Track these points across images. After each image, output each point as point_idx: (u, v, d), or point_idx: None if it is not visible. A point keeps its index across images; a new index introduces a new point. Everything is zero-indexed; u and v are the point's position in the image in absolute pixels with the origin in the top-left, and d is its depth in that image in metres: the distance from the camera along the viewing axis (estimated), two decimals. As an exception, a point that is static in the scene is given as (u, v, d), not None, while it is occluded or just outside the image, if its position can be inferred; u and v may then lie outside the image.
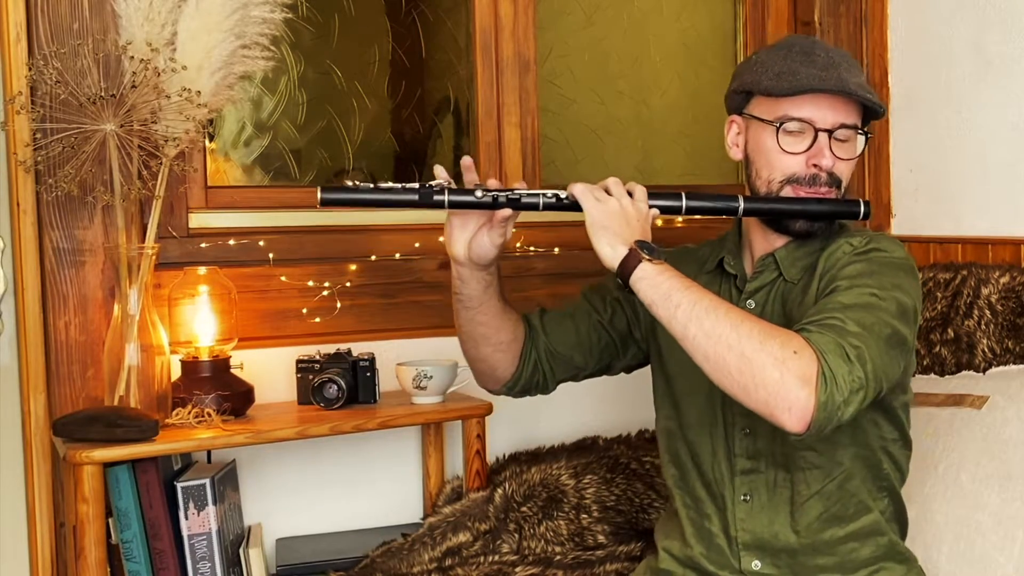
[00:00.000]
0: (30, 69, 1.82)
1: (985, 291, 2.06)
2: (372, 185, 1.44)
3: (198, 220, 2.10)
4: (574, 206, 1.45)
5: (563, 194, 1.47)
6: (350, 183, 1.45)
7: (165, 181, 1.88)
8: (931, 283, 2.19)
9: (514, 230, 1.53)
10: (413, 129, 2.46)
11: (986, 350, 2.03)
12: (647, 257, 1.36)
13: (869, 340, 1.32)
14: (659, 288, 1.35)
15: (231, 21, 1.83)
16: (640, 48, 2.65)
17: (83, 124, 1.79)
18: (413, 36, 2.44)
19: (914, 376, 2.11)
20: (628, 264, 1.37)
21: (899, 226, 2.49)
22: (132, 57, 1.79)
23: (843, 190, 1.55)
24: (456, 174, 1.51)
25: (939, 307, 2.12)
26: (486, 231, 1.50)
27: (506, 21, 2.37)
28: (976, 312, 2.05)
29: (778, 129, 1.51)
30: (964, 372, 2.04)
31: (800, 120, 1.50)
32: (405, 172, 2.44)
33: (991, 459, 1.81)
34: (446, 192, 1.44)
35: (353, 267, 2.18)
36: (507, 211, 1.46)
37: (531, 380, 1.67)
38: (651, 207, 1.47)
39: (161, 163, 1.87)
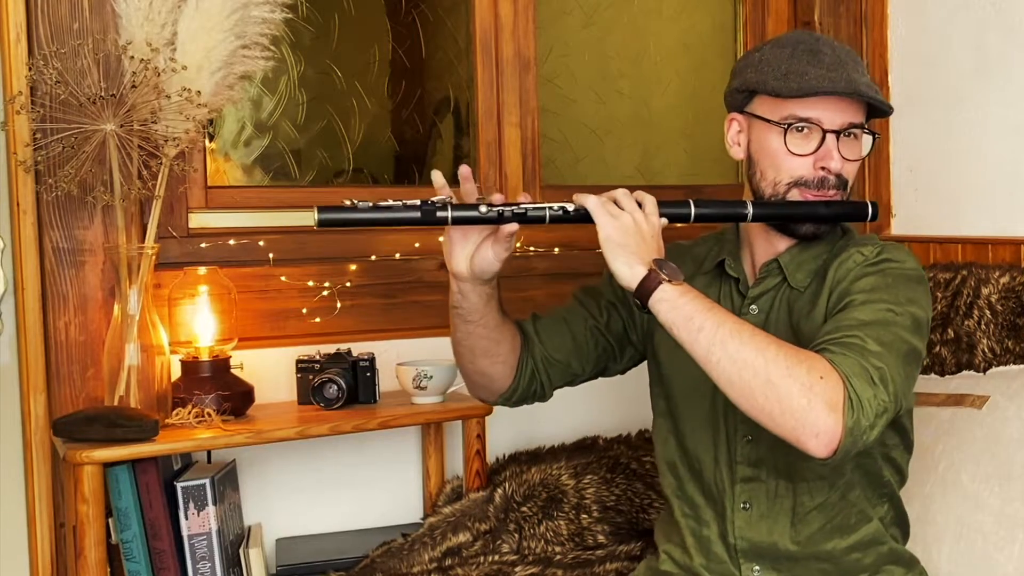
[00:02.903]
0: (30, 69, 1.82)
1: (985, 291, 2.06)
2: (371, 204, 1.36)
3: (198, 220, 2.10)
4: (580, 218, 1.40)
5: (569, 207, 1.41)
6: (348, 202, 1.36)
7: (165, 181, 1.88)
8: (931, 283, 2.19)
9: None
10: (413, 129, 2.46)
11: (986, 350, 2.02)
12: (667, 278, 1.32)
13: (889, 359, 1.30)
14: (680, 311, 1.31)
15: (231, 21, 1.83)
16: (640, 48, 2.65)
17: (83, 124, 1.79)
18: (413, 36, 2.44)
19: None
20: (647, 285, 1.33)
21: (899, 226, 2.49)
22: (132, 57, 1.79)
23: (849, 191, 1.53)
24: (456, 175, 1.49)
25: (939, 307, 2.12)
26: (490, 245, 1.44)
27: (506, 21, 2.37)
28: (976, 312, 2.05)
29: (785, 130, 1.47)
30: (964, 372, 2.04)
31: (807, 121, 1.47)
32: (405, 172, 2.45)
33: (991, 459, 1.81)
34: (449, 208, 1.38)
35: (353, 267, 2.18)
36: (514, 226, 1.40)
37: (528, 389, 1.63)
38: (660, 215, 1.42)
39: (161, 163, 1.87)
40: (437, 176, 1.43)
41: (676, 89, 2.68)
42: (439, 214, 1.37)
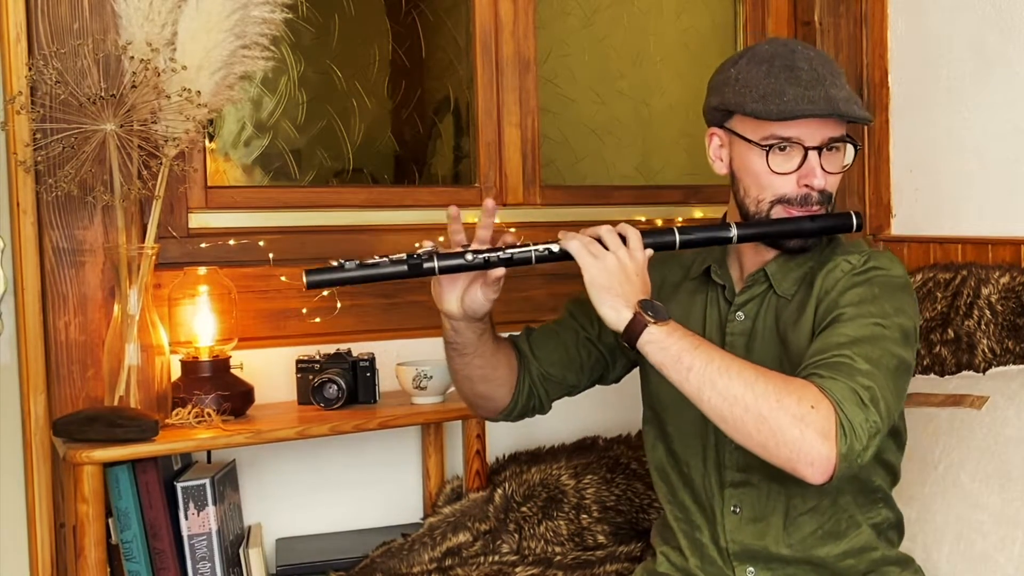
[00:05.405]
0: (30, 69, 1.82)
1: (985, 291, 2.06)
2: (358, 262, 1.41)
3: (198, 220, 2.10)
4: (566, 256, 1.42)
5: (554, 247, 1.43)
6: (335, 263, 1.40)
7: (165, 181, 1.88)
8: (931, 283, 2.19)
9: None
10: (413, 129, 2.46)
11: (986, 350, 2.02)
12: (652, 320, 1.33)
13: (879, 377, 1.31)
14: (668, 351, 1.32)
15: (231, 21, 1.83)
16: (640, 48, 2.65)
17: (83, 124, 1.79)
18: (413, 36, 2.44)
19: (914, 376, 2.11)
20: (634, 329, 1.34)
21: (899, 226, 2.49)
22: (132, 57, 1.79)
23: (832, 202, 1.53)
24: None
25: (939, 307, 2.12)
26: (479, 288, 1.46)
27: (506, 21, 2.37)
28: (976, 312, 2.05)
29: (767, 151, 1.47)
30: (964, 372, 2.04)
31: (788, 140, 1.47)
32: (405, 172, 2.44)
33: (991, 459, 1.81)
34: (435, 259, 1.41)
35: (353, 267, 2.17)
36: (500, 271, 1.43)
37: (527, 405, 1.64)
38: (644, 247, 1.43)
39: (161, 163, 1.87)
40: (426, 243, 1.46)
41: (676, 89, 2.68)
42: (426, 266, 1.41)
